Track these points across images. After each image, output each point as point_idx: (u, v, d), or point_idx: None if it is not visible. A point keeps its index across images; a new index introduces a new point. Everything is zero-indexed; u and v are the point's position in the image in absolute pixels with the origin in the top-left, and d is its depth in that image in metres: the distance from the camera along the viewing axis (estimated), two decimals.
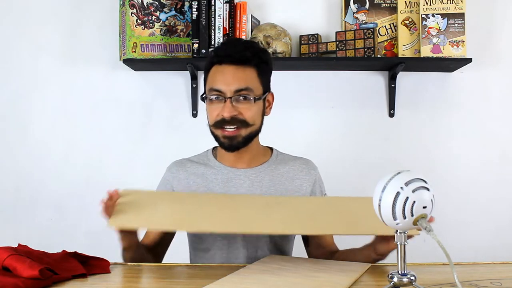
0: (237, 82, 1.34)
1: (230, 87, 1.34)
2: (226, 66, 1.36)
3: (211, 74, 1.39)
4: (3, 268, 1.06)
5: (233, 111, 1.34)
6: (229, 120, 1.34)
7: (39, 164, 2.29)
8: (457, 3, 2.13)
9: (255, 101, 1.36)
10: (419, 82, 2.29)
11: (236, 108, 1.34)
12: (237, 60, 1.35)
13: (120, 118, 2.30)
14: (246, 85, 1.35)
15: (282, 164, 1.48)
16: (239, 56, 1.36)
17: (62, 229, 2.25)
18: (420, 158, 2.26)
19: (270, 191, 1.42)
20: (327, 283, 1.02)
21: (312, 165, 1.51)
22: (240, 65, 1.36)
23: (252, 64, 1.37)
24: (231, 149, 1.39)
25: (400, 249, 0.91)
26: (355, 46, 2.16)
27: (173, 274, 1.21)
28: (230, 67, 1.36)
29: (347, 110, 2.29)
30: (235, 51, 1.36)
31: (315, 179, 1.48)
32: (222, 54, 1.37)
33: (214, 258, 1.41)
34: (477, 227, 2.25)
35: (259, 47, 1.46)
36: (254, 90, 1.36)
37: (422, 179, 0.89)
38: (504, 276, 1.09)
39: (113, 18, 2.26)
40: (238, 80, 1.35)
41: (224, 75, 1.36)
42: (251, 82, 1.36)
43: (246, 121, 1.36)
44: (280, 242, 1.45)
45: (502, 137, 2.28)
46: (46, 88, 2.31)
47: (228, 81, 1.35)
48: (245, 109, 1.35)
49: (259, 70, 1.39)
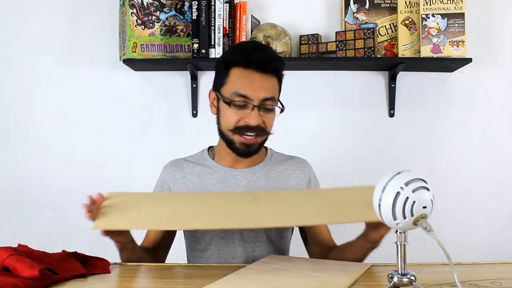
0: (264, 91, 1.33)
1: (258, 95, 1.33)
2: (253, 72, 1.34)
3: (235, 76, 1.36)
4: (3, 268, 1.06)
5: (259, 119, 1.34)
6: (252, 128, 1.34)
7: (39, 164, 2.29)
8: (457, 3, 2.13)
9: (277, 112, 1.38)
10: (419, 82, 2.29)
11: (261, 116, 1.34)
12: (266, 69, 1.34)
13: (120, 118, 2.30)
14: (272, 95, 1.35)
15: (277, 163, 1.49)
16: (270, 66, 1.35)
17: (62, 229, 2.25)
18: (420, 158, 2.26)
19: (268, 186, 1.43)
20: (327, 283, 1.02)
21: (306, 164, 1.52)
22: (268, 74, 1.35)
23: (277, 74, 1.38)
24: (247, 155, 1.39)
25: (400, 249, 0.91)
26: (355, 46, 2.16)
27: (173, 274, 1.21)
28: (258, 74, 1.34)
29: (347, 110, 2.29)
30: (267, 60, 1.35)
31: (309, 177, 1.49)
32: (253, 60, 1.34)
33: (211, 258, 1.41)
34: (477, 227, 2.25)
35: (280, 56, 1.44)
36: (276, 99, 1.38)
37: (422, 179, 0.89)
38: (504, 276, 1.09)
39: (113, 18, 2.26)
40: (266, 89, 1.34)
41: (253, 82, 1.33)
42: (275, 92, 1.37)
43: (265, 130, 1.37)
44: (278, 241, 1.45)
45: (502, 137, 2.28)
46: (46, 88, 2.31)
47: (256, 88, 1.33)
48: (268, 119, 1.36)
49: (280, 80, 1.40)
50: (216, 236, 1.40)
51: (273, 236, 1.43)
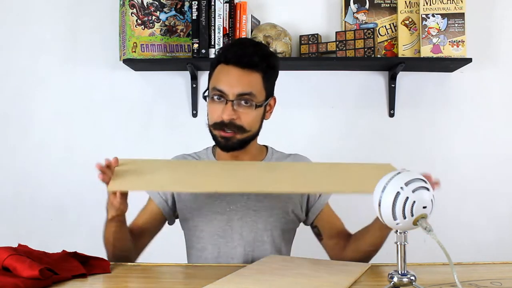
0: (241, 86, 1.32)
1: (233, 90, 1.32)
2: (232, 67, 1.34)
3: (216, 72, 1.38)
4: (3, 268, 1.06)
5: (233, 114, 1.32)
6: (226, 124, 1.33)
7: (39, 164, 2.29)
8: (457, 3, 2.13)
9: (256, 108, 1.34)
10: (419, 82, 2.29)
11: (236, 112, 1.33)
12: (244, 64, 1.33)
13: (120, 118, 2.30)
14: (250, 90, 1.33)
15: (278, 161, 1.49)
16: (247, 59, 1.33)
17: (62, 229, 2.25)
18: (420, 158, 2.26)
19: None
20: (327, 283, 1.02)
21: (307, 160, 1.53)
22: (247, 69, 1.34)
23: (259, 69, 1.35)
24: (227, 149, 1.38)
25: (400, 249, 0.91)
26: (355, 46, 2.16)
27: (172, 274, 1.21)
28: (236, 69, 1.34)
29: (347, 110, 2.29)
30: (244, 54, 1.34)
31: None
32: (230, 55, 1.35)
33: (210, 257, 1.41)
34: (477, 227, 2.25)
35: (268, 52, 1.42)
36: (257, 96, 1.35)
37: (422, 179, 0.89)
38: (504, 276, 1.09)
39: (113, 18, 2.26)
40: (242, 84, 1.33)
41: (229, 76, 1.34)
42: (255, 88, 1.34)
43: (243, 127, 1.34)
44: (279, 241, 1.44)
45: (502, 137, 2.28)
46: (46, 88, 2.31)
47: (232, 83, 1.33)
48: (244, 114, 1.34)
49: (265, 75, 1.37)
50: (215, 235, 1.40)
51: (275, 237, 1.43)
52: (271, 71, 1.39)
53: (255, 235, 1.40)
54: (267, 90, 1.39)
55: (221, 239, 1.40)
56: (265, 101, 1.38)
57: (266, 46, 1.46)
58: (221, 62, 1.37)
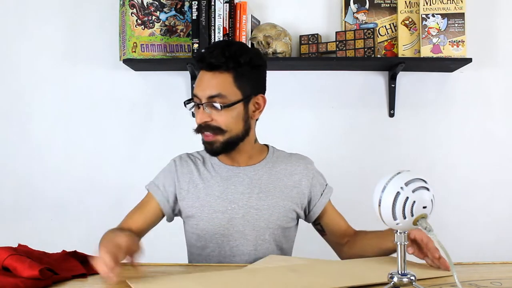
0: (208, 89, 1.35)
1: (204, 93, 1.35)
2: (203, 71, 1.37)
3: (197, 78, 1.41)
4: (3, 268, 1.06)
5: (205, 117, 1.35)
6: (203, 126, 1.36)
7: (39, 164, 2.29)
8: (457, 3, 2.13)
9: (223, 108, 1.34)
10: (419, 82, 2.29)
11: (209, 114, 1.35)
12: (211, 66, 1.35)
13: (120, 118, 2.30)
14: (218, 91, 1.34)
15: (279, 160, 1.49)
16: (212, 61, 1.34)
17: (62, 229, 2.25)
18: (420, 158, 2.26)
19: (269, 187, 1.43)
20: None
21: (308, 160, 1.53)
22: (215, 71, 1.35)
23: (228, 69, 1.34)
24: (212, 153, 1.41)
25: (400, 249, 0.91)
26: (355, 46, 2.16)
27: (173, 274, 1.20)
28: (207, 73, 1.36)
29: (347, 110, 2.29)
30: (210, 56, 1.35)
31: (313, 173, 1.50)
32: (199, 60, 1.38)
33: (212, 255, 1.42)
34: (477, 227, 2.25)
35: (240, 50, 1.38)
36: (228, 96, 1.34)
37: (422, 179, 0.89)
38: (504, 276, 1.09)
39: (113, 18, 2.26)
40: (210, 86, 1.35)
41: (201, 81, 1.37)
42: (224, 88, 1.34)
43: (220, 128, 1.36)
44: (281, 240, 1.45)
45: (502, 137, 2.28)
46: (46, 88, 2.31)
47: (202, 87, 1.36)
48: (217, 116, 1.35)
49: (236, 74, 1.35)
50: (217, 233, 1.40)
51: (276, 235, 1.43)
52: (245, 69, 1.36)
53: (257, 233, 1.40)
54: (242, 89, 1.37)
55: (222, 237, 1.40)
56: (242, 100, 1.37)
57: (241, 45, 1.43)
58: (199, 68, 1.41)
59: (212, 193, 1.42)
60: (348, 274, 1.10)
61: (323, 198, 1.48)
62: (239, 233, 1.40)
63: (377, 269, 1.11)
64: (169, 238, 1.81)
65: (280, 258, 1.31)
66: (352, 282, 1.01)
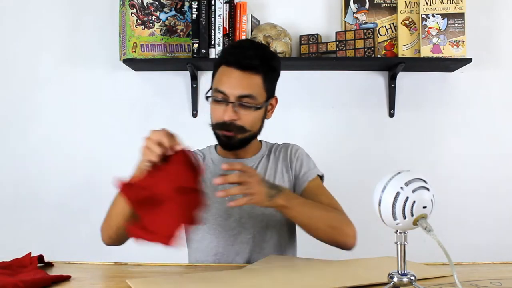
0: (241, 88, 1.35)
1: (234, 92, 1.35)
2: (233, 69, 1.36)
3: (218, 73, 1.40)
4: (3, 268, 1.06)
5: (233, 116, 1.35)
6: (228, 124, 1.37)
7: (40, 164, 2.29)
8: (457, 3, 2.13)
9: (256, 110, 1.38)
10: (419, 82, 2.29)
11: (237, 113, 1.36)
12: (245, 66, 1.36)
13: (120, 118, 2.30)
14: (250, 92, 1.36)
15: (272, 151, 1.54)
16: (247, 62, 1.35)
17: (62, 229, 2.25)
18: (420, 158, 2.26)
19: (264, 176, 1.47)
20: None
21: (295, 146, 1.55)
22: (247, 71, 1.36)
23: (259, 72, 1.37)
24: (228, 148, 1.44)
25: (400, 249, 0.91)
26: (355, 46, 2.16)
27: (173, 274, 1.21)
28: (237, 71, 1.36)
29: (347, 110, 2.29)
30: (244, 57, 1.36)
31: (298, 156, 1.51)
32: (231, 57, 1.38)
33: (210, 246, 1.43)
34: (477, 227, 2.25)
35: (269, 54, 1.45)
36: (257, 97, 1.37)
37: (422, 179, 0.89)
38: (504, 276, 1.09)
39: (113, 18, 2.26)
40: (242, 86, 1.35)
41: (230, 78, 1.36)
42: (255, 90, 1.37)
43: (244, 127, 1.38)
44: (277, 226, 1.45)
45: (502, 137, 2.28)
46: (46, 88, 2.31)
47: (232, 85, 1.35)
48: (245, 116, 1.37)
49: (266, 77, 1.39)
50: (214, 224, 1.42)
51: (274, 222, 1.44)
52: (272, 73, 1.42)
53: (254, 221, 1.42)
54: (268, 91, 1.41)
55: (220, 227, 1.42)
56: (265, 102, 1.41)
57: (267, 48, 1.49)
58: (223, 63, 1.39)
59: (210, 185, 1.43)
60: (348, 274, 1.10)
61: (304, 177, 1.47)
62: (236, 222, 1.42)
63: (377, 269, 1.11)
64: None
65: (280, 258, 1.31)
66: (352, 282, 1.01)
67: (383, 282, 0.94)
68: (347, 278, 1.05)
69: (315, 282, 1.03)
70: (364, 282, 1.00)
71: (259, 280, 1.05)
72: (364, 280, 1.01)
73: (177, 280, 1.07)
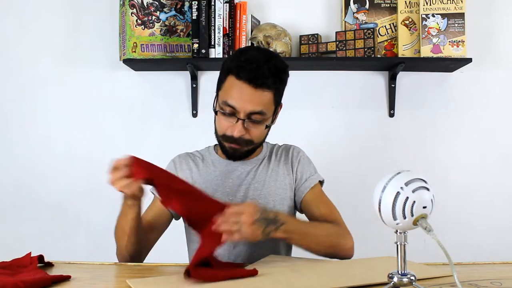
0: (252, 105, 1.32)
1: (245, 108, 1.32)
2: (244, 85, 1.32)
3: (227, 84, 1.35)
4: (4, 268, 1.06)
5: (243, 131, 1.35)
6: (236, 139, 1.36)
7: (40, 164, 2.29)
8: (457, 3, 2.13)
9: (266, 127, 1.39)
10: (419, 82, 2.29)
11: (246, 128, 1.36)
12: (257, 84, 1.32)
13: (120, 118, 2.30)
14: (261, 108, 1.33)
15: (272, 154, 1.54)
16: (261, 81, 1.31)
17: (62, 229, 2.25)
18: (420, 158, 2.26)
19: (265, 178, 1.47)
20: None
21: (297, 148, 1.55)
22: (259, 88, 1.32)
23: (271, 88, 1.34)
24: (234, 158, 1.45)
25: (400, 249, 0.91)
26: (355, 46, 2.16)
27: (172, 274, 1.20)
28: (248, 87, 1.31)
29: (347, 110, 2.29)
30: (257, 75, 1.31)
31: (299, 160, 1.52)
32: (243, 73, 1.32)
33: None
34: (477, 227, 2.25)
35: (281, 66, 1.38)
36: (268, 113, 1.36)
37: (422, 179, 0.89)
38: (504, 276, 1.09)
39: (113, 18, 2.26)
40: (254, 103, 1.32)
41: (241, 94, 1.32)
42: (266, 106, 1.35)
43: (251, 141, 1.39)
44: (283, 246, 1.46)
45: (502, 137, 2.28)
46: (46, 88, 2.31)
47: (244, 100, 1.32)
48: (255, 131, 1.37)
49: (276, 92, 1.37)
50: None
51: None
52: (282, 86, 1.40)
53: None
54: (276, 104, 1.40)
55: None
56: (273, 115, 1.42)
57: (278, 58, 1.41)
58: (233, 74, 1.34)
59: (211, 187, 1.44)
60: (348, 274, 1.10)
61: (306, 183, 1.47)
62: None
63: (377, 269, 1.11)
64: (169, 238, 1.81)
65: (280, 258, 1.31)
66: (352, 282, 1.00)
67: (383, 282, 0.94)
68: (347, 278, 1.05)
69: (315, 282, 1.03)
70: (364, 282, 1.00)
71: (259, 280, 1.05)
72: (364, 280, 1.01)
73: (177, 280, 1.07)
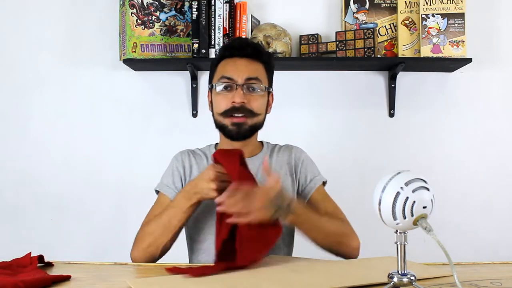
0: (248, 71, 1.42)
1: (241, 75, 1.42)
2: (238, 59, 1.45)
3: (221, 65, 1.46)
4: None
5: (244, 98, 1.40)
6: (238, 108, 1.40)
7: (39, 164, 2.29)
8: (457, 3, 2.13)
9: (262, 94, 1.44)
10: (419, 82, 2.29)
11: (246, 96, 1.41)
12: (248, 54, 1.45)
13: (120, 118, 2.30)
14: (256, 75, 1.43)
15: (274, 153, 1.54)
16: (251, 50, 1.45)
17: (62, 229, 2.25)
18: (420, 158, 2.26)
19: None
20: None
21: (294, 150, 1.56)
22: (251, 58, 1.45)
23: (262, 60, 1.47)
24: (238, 137, 1.44)
25: (400, 249, 0.91)
26: (355, 46, 2.16)
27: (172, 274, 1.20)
28: (242, 59, 1.44)
29: (347, 110, 2.29)
30: (247, 46, 1.47)
31: (302, 160, 1.52)
32: (234, 49, 1.46)
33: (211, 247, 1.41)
34: (477, 227, 2.25)
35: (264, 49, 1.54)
36: (263, 82, 1.45)
37: (422, 179, 0.89)
38: (504, 276, 1.09)
39: (113, 18, 2.26)
40: (249, 70, 1.43)
41: (236, 65, 1.44)
42: (260, 74, 1.45)
43: (253, 111, 1.42)
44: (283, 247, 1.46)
45: (502, 137, 2.28)
46: (46, 88, 2.31)
47: (239, 69, 1.42)
48: (253, 99, 1.42)
49: (266, 67, 1.48)
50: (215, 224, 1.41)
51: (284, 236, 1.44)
52: (269, 65, 1.50)
53: None
54: (268, 81, 1.49)
55: None
56: (268, 89, 1.48)
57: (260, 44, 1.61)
58: (225, 57, 1.47)
59: None
60: (348, 274, 1.10)
61: (311, 184, 1.48)
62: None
63: (377, 269, 1.11)
64: None
65: (280, 258, 1.31)
66: (352, 282, 1.00)
67: (383, 282, 0.94)
68: (347, 278, 1.05)
69: (315, 282, 1.03)
70: (364, 282, 1.00)
71: (259, 280, 1.05)
72: (364, 280, 1.01)
73: (177, 280, 1.07)
